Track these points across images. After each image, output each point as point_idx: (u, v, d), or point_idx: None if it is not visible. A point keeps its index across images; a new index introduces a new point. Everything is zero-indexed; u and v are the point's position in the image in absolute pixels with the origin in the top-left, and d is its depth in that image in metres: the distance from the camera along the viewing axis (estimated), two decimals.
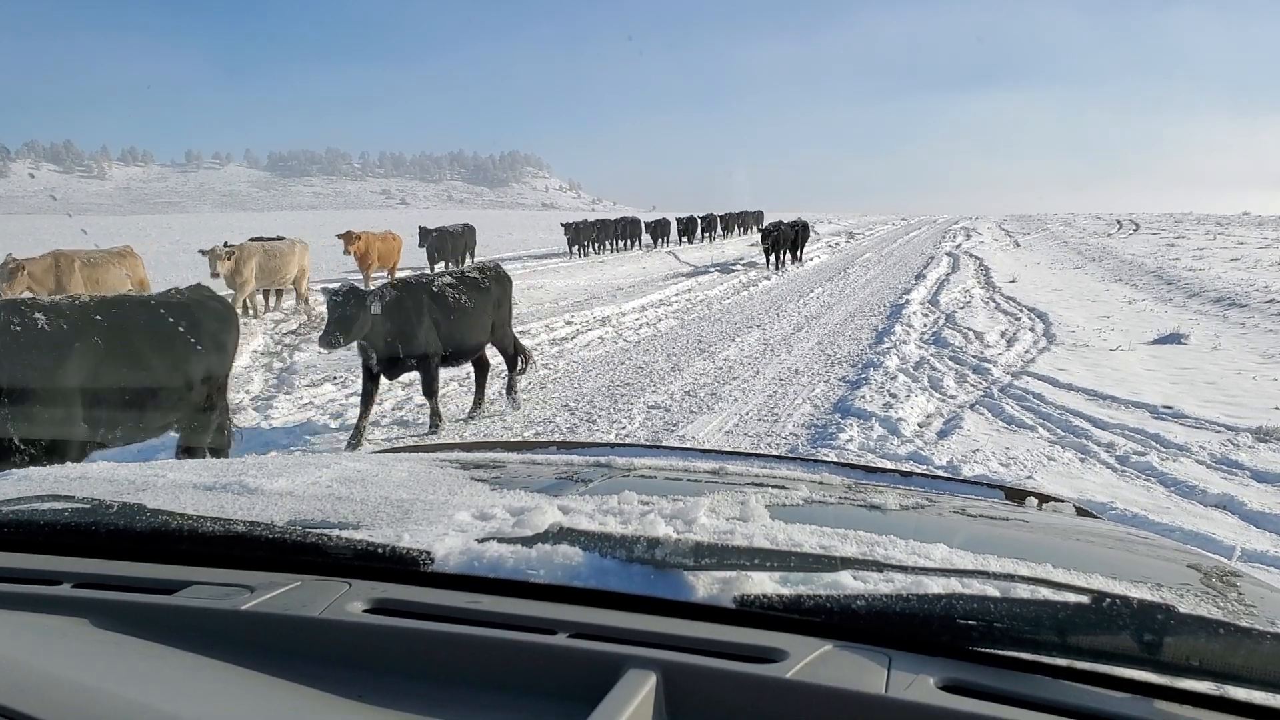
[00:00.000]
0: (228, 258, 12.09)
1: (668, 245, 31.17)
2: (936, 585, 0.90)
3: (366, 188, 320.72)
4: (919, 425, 6.81)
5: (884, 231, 49.43)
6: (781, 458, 2.41)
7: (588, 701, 0.71)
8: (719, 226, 36.84)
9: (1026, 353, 9.95)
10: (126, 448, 4.91)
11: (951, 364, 9.29)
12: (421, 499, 1.28)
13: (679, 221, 33.00)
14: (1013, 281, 18.29)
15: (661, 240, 32.07)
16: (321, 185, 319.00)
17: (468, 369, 7.58)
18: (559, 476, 1.68)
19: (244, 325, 12.16)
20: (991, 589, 0.87)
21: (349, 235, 16.06)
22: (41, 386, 3.87)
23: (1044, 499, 1.89)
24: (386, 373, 6.47)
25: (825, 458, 4.92)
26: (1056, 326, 11.79)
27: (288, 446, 6.28)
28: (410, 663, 0.82)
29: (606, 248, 29.27)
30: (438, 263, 19.91)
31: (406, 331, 6.30)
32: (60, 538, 1.06)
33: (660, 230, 32.33)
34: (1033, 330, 11.65)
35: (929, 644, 0.81)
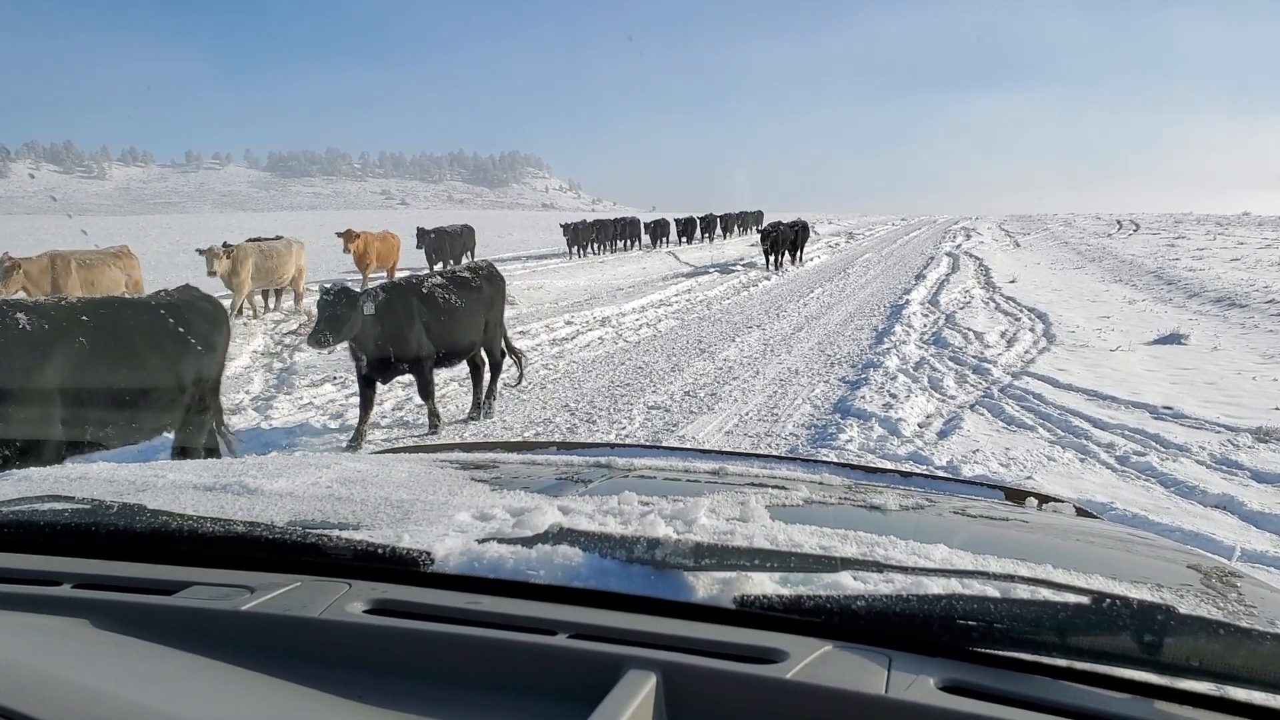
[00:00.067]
0: (225, 256, 12.11)
1: (667, 246, 31.16)
2: (936, 586, 0.90)
3: (366, 188, 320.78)
4: (919, 425, 6.81)
5: (884, 232, 49.43)
6: (781, 458, 2.41)
7: (588, 702, 0.71)
8: (718, 227, 36.84)
9: (1026, 353, 9.95)
10: (126, 449, 4.91)
11: (951, 364, 9.29)
12: (421, 499, 1.28)
13: (678, 223, 32.95)
14: (1013, 282, 18.29)
15: (660, 241, 32.05)
16: (321, 185, 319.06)
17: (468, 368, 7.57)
18: (559, 477, 1.68)
19: (244, 325, 12.24)
20: (992, 589, 0.87)
21: (349, 234, 16.15)
22: (24, 387, 3.85)
23: (1044, 499, 1.89)
24: (378, 376, 6.37)
25: (825, 458, 4.92)
26: (1056, 327, 11.79)
27: (288, 447, 6.27)
28: (410, 663, 0.82)
29: (606, 248, 29.28)
30: (436, 264, 19.88)
31: (397, 335, 6.21)
32: (60, 538, 1.06)
33: (660, 231, 32.31)
34: (1033, 330, 11.65)
35: (929, 644, 0.81)
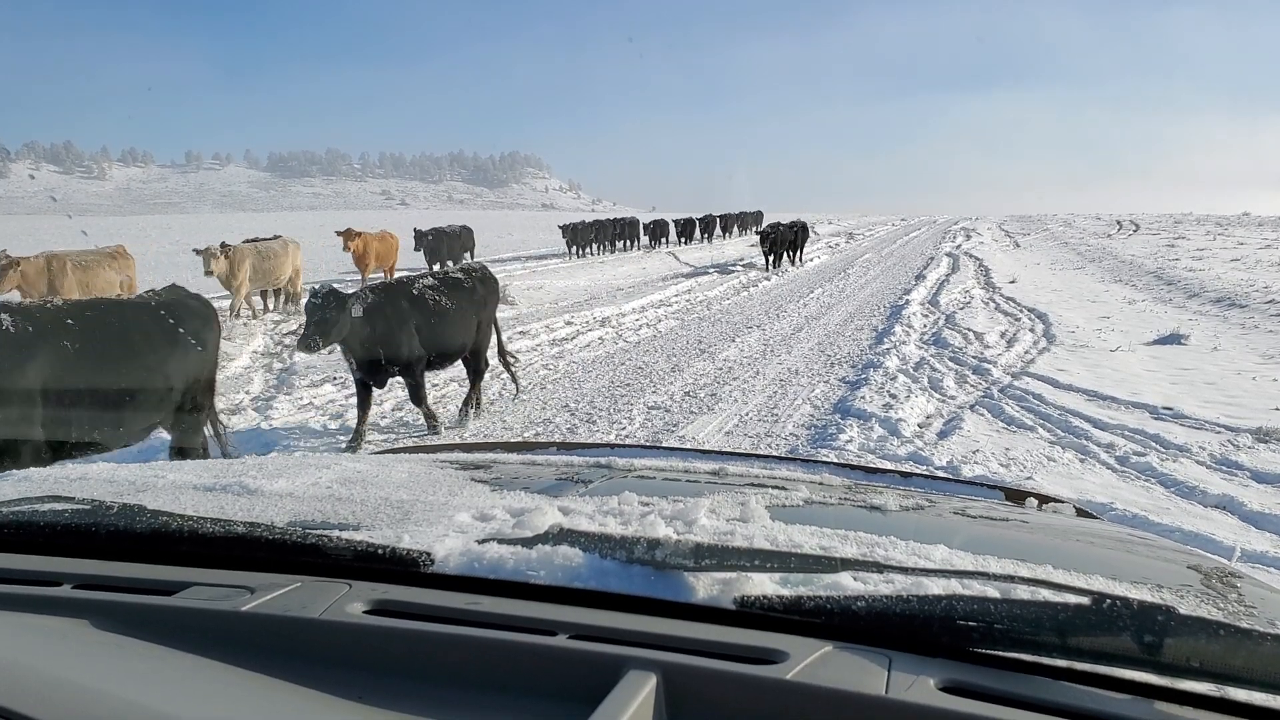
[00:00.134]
0: (222, 257, 12.10)
1: (667, 246, 31.17)
2: (937, 586, 0.90)
3: (366, 188, 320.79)
4: (919, 426, 6.81)
5: (884, 232, 49.43)
6: (781, 458, 2.41)
7: (588, 702, 0.71)
8: (718, 227, 36.85)
9: (1026, 353, 9.95)
10: (126, 449, 4.91)
11: (951, 364, 9.29)
12: (421, 500, 1.28)
13: (677, 223, 32.97)
14: (1012, 282, 18.29)
15: (659, 241, 32.05)
16: (321, 186, 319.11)
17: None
18: (559, 477, 1.68)
19: (244, 325, 12.24)
20: (992, 590, 0.87)
21: (349, 233, 16.18)
22: (8, 389, 3.84)
23: (1044, 500, 1.89)
24: (369, 378, 6.29)
25: (825, 458, 4.92)
26: (1056, 327, 11.79)
27: (288, 447, 6.27)
28: (410, 664, 0.82)
29: (605, 248, 29.29)
30: (435, 265, 19.85)
31: (386, 336, 6.11)
32: (60, 539, 1.06)
33: (659, 231, 32.32)
34: (1032, 331, 11.65)
35: (929, 645, 0.81)
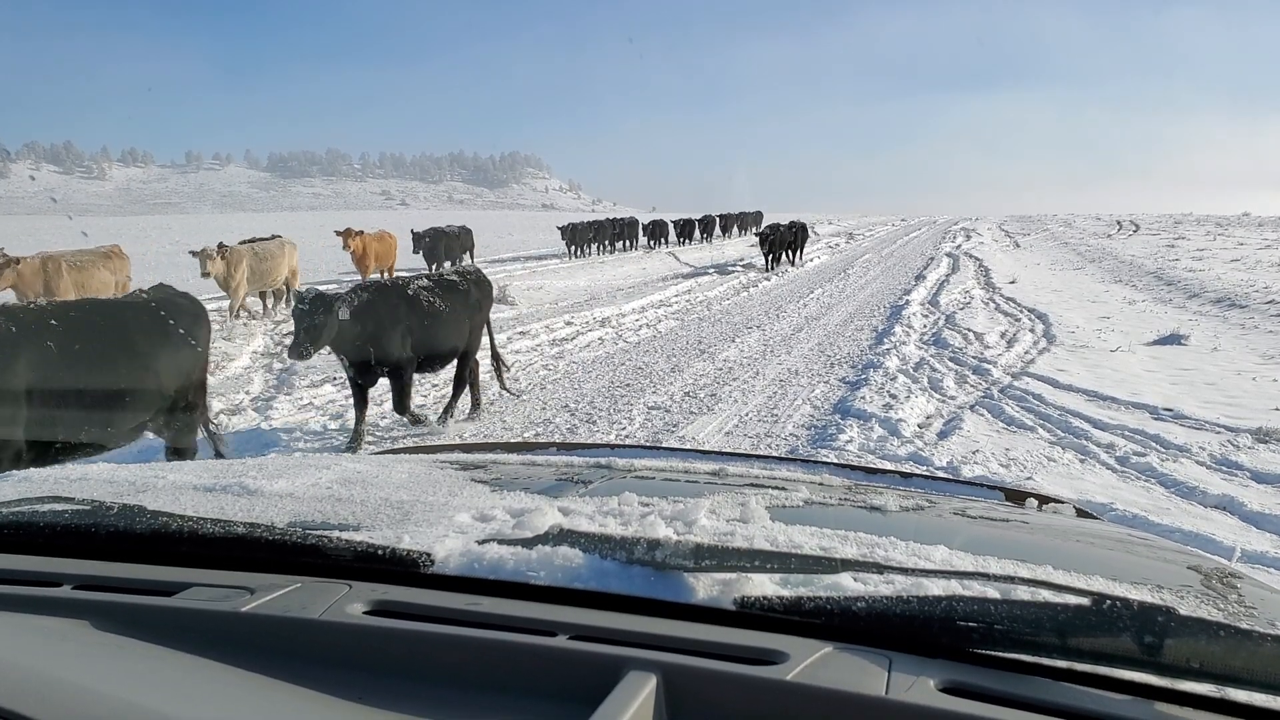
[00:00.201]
0: (218, 258, 12.07)
1: (666, 246, 31.18)
2: (937, 587, 0.90)
3: (367, 188, 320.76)
4: (919, 426, 6.81)
5: (884, 232, 49.42)
6: (781, 459, 2.41)
7: (588, 703, 0.71)
8: (717, 227, 36.86)
9: (1026, 353, 9.95)
10: (126, 450, 4.91)
11: (951, 365, 9.29)
12: (421, 500, 1.28)
13: (676, 224, 32.99)
14: (1012, 282, 18.29)
15: (658, 242, 32.06)
16: (322, 186, 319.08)
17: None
18: (559, 478, 1.68)
19: (244, 326, 12.23)
20: (992, 591, 0.87)
21: (348, 232, 16.19)
22: None
23: (1044, 500, 1.89)
24: (360, 379, 6.25)
25: (825, 459, 4.92)
26: (1056, 327, 11.79)
27: (287, 447, 6.27)
28: (410, 664, 0.82)
29: (605, 248, 29.29)
30: (434, 266, 19.81)
31: (376, 336, 6.06)
32: (60, 539, 1.06)
33: (658, 231, 32.33)
34: (1032, 331, 11.65)
35: (929, 646, 0.81)
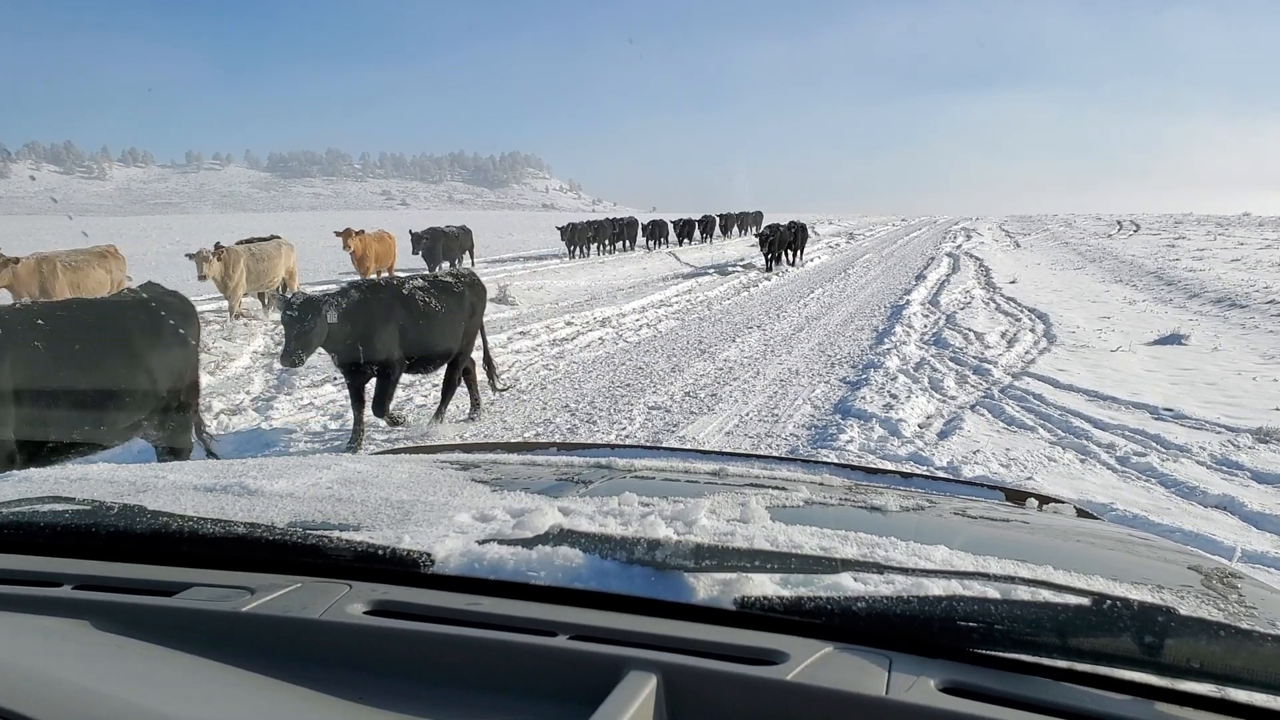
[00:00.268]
0: (215, 259, 12.05)
1: (666, 247, 31.18)
2: (937, 587, 0.90)
3: (367, 188, 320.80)
4: (919, 426, 6.81)
5: (884, 232, 49.42)
6: (782, 459, 2.41)
7: (588, 703, 0.71)
8: (717, 227, 36.86)
9: (1027, 353, 9.95)
10: (125, 450, 4.90)
11: (952, 365, 9.29)
12: (422, 500, 1.28)
13: (675, 224, 32.98)
14: (1013, 282, 18.28)
15: (658, 242, 32.05)
16: (322, 186, 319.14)
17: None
18: (559, 478, 1.68)
19: (244, 326, 12.23)
20: (992, 591, 0.87)
21: (348, 232, 16.21)
22: None
23: (1044, 500, 1.89)
24: (351, 378, 6.21)
25: (825, 459, 4.92)
26: (1057, 327, 11.78)
27: (288, 447, 6.27)
28: (411, 664, 0.82)
29: (605, 248, 29.28)
30: (433, 266, 19.78)
31: (366, 336, 6.03)
32: (61, 539, 1.06)
33: (658, 231, 32.33)
34: (1033, 331, 11.65)
35: (930, 646, 0.81)
